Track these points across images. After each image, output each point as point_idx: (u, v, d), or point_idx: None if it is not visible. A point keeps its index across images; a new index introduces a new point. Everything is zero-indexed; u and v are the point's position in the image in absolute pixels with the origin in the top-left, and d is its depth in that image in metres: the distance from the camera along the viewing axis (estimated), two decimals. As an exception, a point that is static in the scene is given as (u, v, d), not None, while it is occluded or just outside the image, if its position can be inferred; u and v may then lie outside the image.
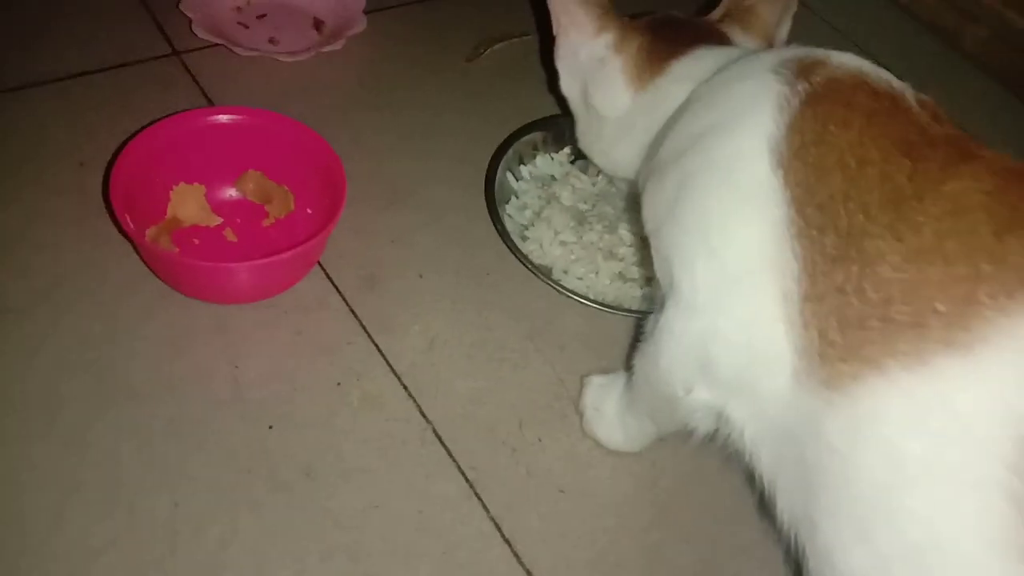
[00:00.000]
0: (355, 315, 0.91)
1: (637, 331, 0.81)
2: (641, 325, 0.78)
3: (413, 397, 0.86)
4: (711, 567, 0.80)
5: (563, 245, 1.00)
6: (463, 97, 1.18)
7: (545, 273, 0.98)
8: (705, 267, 0.66)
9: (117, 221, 0.85)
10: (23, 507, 0.73)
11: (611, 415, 0.83)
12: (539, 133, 1.11)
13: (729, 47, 0.85)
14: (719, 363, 0.65)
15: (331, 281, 0.94)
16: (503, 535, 0.78)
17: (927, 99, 0.65)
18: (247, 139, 0.95)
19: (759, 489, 0.65)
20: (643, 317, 0.78)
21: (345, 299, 0.92)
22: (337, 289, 0.93)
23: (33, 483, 0.74)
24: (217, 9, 1.19)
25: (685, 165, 0.70)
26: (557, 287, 0.96)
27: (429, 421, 0.85)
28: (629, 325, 0.94)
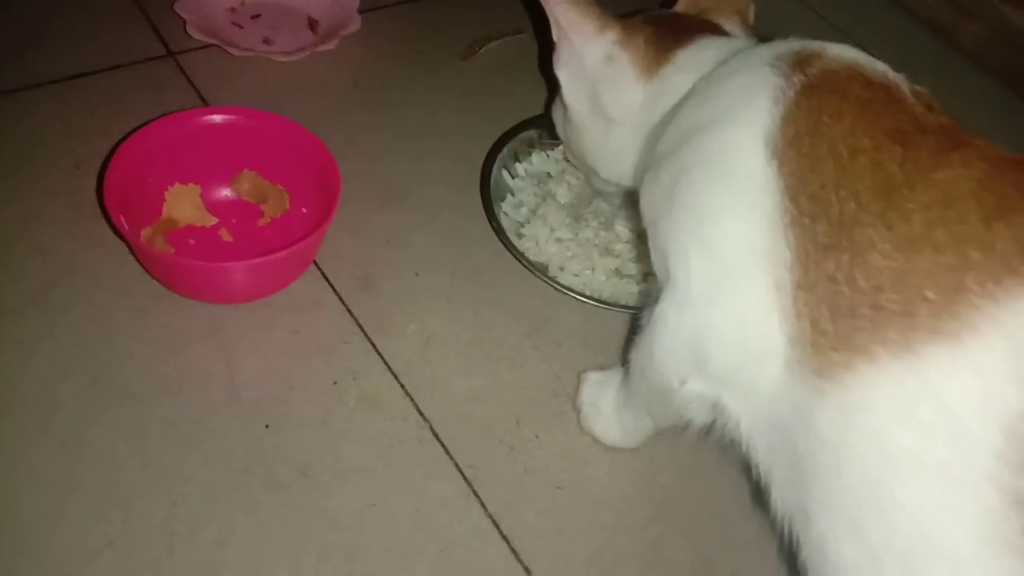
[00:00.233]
0: (351, 314, 0.91)
1: (633, 327, 0.81)
2: (637, 320, 0.78)
3: (410, 396, 0.86)
4: (709, 563, 0.80)
5: (559, 242, 1.00)
6: (458, 96, 1.18)
7: (541, 270, 0.98)
8: (699, 259, 0.66)
9: (112, 222, 0.85)
10: (20, 508, 0.73)
11: (608, 411, 0.83)
12: (534, 130, 1.10)
13: (730, 39, 0.84)
14: (713, 354, 0.65)
15: (327, 280, 0.93)
16: (501, 533, 0.78)
17: (922, 90, 0.66)
18: (242, 139, 0.95)
19: (755, 481, 0.65)
20: (639, 313, 0.77)
21: (341, 298, 0.92)
22: (333, 288, 0.93)
23: (30, 484, 0.74)
24: (211, 10, 1.19)
25: (681, 158, 0.70)
26: (553, 284, 0.96)
27: (426, 420, 0.84)
28: (625, 321, 0.94)
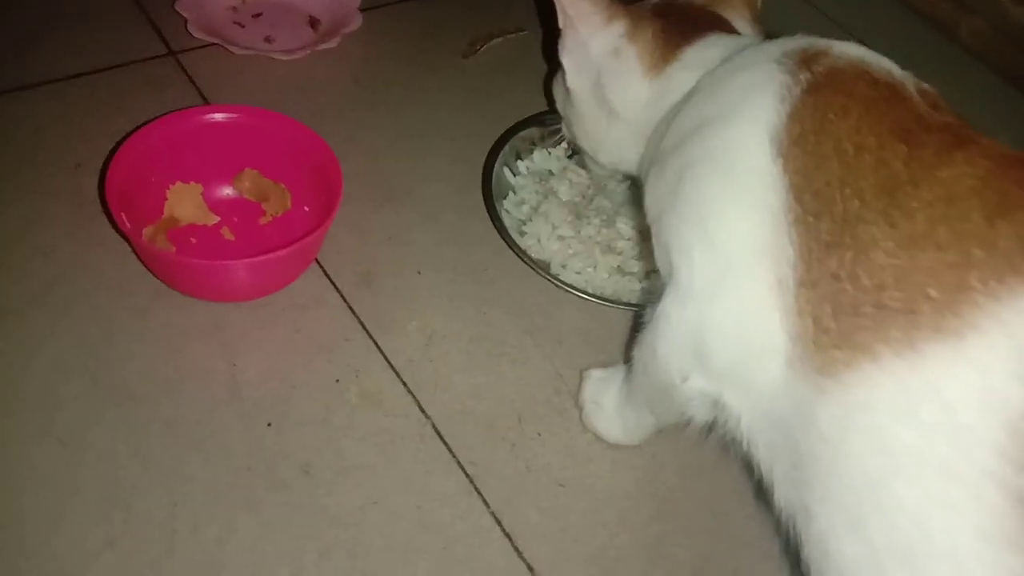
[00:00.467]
0: (353, 312, 0.91)
1: (635, 324, 0.80)
2: (640, 317, 0.78)
3: (412, 393, 0.86)
4: (711, 561, 0.79)
5: (561, 239, 1.00)
6: (459, 94, 1.18)
7: (543, 268, 0.98)
8: (702, 255, 0.66)
9: (114, 221, 0.85)
10: (21, 509, 0.73)
11: (610, 408, 0.83)
12: (536, 128, 1.10)
13: (736, 36, 0.84)
14: (715, 350, 0.65)
15: (329, 278, 0.93)
16: (503, 530, 0.78)
17: (928, 88, 0.65)
18: (243, 137, 0.95)
19: (756, 479, 0.65)
20: (641, 310, 0.77)
21: (343, 296, 0.92)
22: (335, 286, 0.93)
23: (31, 485, 0.74)
24: (212, 8, 1.19)
25: (686, 154, 0.70)
26: (555, 282, 0.96)
27: (428, 417, 0.84)
28: (627, 319, 0.94)
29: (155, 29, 1.16)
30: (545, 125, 1.09)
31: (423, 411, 0.85)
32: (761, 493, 0.68)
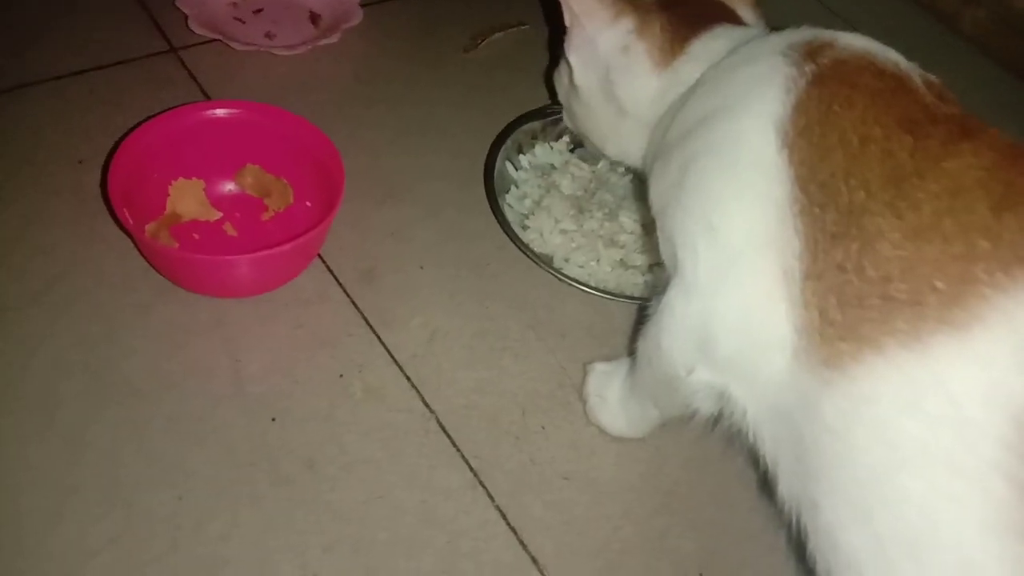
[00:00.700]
0: (356, 307, 0.91)
1: (639, 317, 0.80)
2: (643, 311, 0.78)
3: (415, 388, 0.86)
4: (716, 553, 0.79)
5: (563, 233, 1.00)
6: (460, 90, 1.17)
7: (546, 262, 0.97)
8: (707, 247, 0.65)
9: (116, 217, 0.85)
10: (22, 507, 0.72)
11: (614, 401, 0.83)
12: (538, 122, 1.10)
13: (742, 27, 0.83)
14: (719, 343, 0.65)
15: (331, 274, 0.93)
16: (508, 523, 0.78)
17: (934, 79, 0.65)
18: (245, 133, 0.95)
19: (762, 471, 0.65)
20: (645, 303, 0.77)
21: (346, 291, 0.92)
22: (337, 281, 0.93)
23: (32, 483, 0.74)
24: (213, 4, 1.19)
25: (691, 146, 0.70)
26: (558, 276, 0.96)
27: (432, 411, 0.84)
28: (631, 312, 0.94)
29: (156, 25, 1.16)
30: (546, 116, 1.08)
31: (427, 406, 0.85)
32: (766, 485, 0.68)
